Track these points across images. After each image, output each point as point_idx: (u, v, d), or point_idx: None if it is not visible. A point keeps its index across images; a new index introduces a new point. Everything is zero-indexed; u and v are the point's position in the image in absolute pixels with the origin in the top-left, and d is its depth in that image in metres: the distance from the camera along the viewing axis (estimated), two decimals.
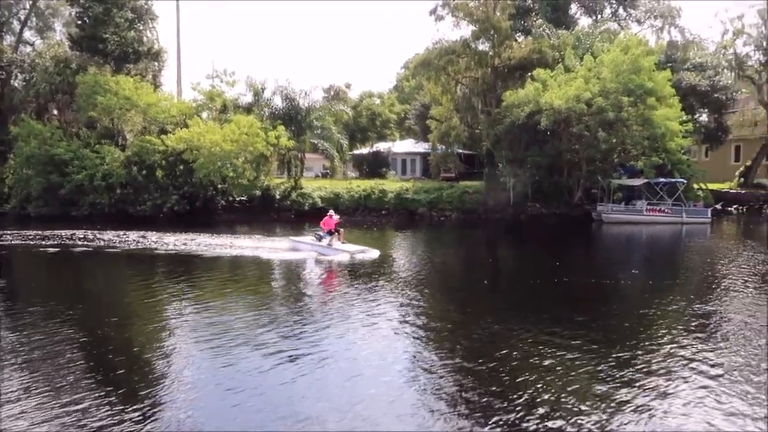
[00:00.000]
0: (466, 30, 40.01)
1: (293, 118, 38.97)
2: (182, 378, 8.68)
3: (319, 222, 21.84)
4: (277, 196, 36.28)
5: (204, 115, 39.63)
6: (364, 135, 64.77)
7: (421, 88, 52.15)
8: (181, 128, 35.07)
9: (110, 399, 7.83)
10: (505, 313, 13.38)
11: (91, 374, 8.86)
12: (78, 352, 9.88)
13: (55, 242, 23.21)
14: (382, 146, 57.20)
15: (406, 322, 11.90)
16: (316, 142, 40.59)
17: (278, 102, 40.02)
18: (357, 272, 17.64)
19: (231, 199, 35.39)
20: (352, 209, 36.80)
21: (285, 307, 13.27)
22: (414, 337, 10.84)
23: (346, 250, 20.11)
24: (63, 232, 25.62)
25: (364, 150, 58.32)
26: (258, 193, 35.76)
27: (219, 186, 34.53)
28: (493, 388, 8.32)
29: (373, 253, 20.31)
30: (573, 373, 8.83)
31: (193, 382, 8.52)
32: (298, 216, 35.02)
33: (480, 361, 9.48)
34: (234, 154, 33.41)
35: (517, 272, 20.04)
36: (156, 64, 42.50)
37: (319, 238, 20.85)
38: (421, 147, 54.19)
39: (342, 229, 21.29)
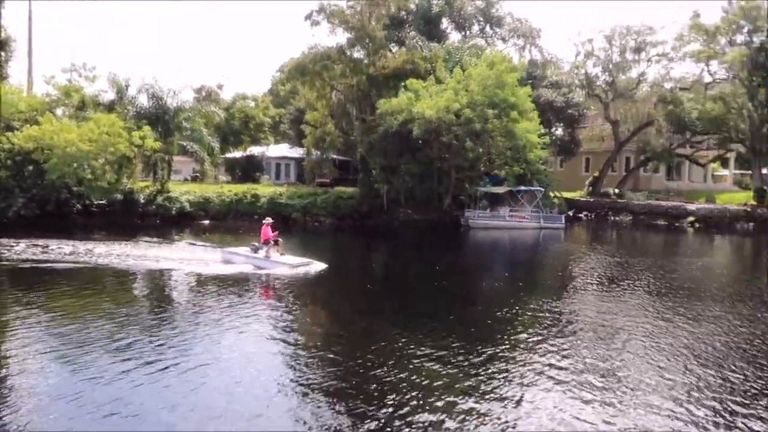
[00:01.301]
0: (342, 37, 40.43)
1: (160, 118, 36.98)
2: (42, 392, 7.87)
3: (187, 228, 20.81)
4: (142, 200, 34.19)
5: (59, 111, 36.42)
6: (237, 138, 63.00)
7: (296, 93, 51.75)
8: (30, 125, 31.95)
9: None
10: (387, 316, 13.61)
11: None
12: None
13: None
14: (256, 150, 55.91)
15: (291, 331, 11.71)
16: (185, 144, 38.82)
17: (144, 101, 37.76)
18: (285, 285, 16.89)
19: (88, 202, 32.78)
20: (223, 214, 35.70)
21: (186, 322, 12.49)
22: (293, 345, 10.68)
23: (285, 263, 18.41)
24: None
25: (237, 153, 56.71)
26: (119, 196, 33.42)
27: (74, 189, 31.85)
28: (361, 389, 8.37)
29: (318, 266, 18.66)
30: (443, 373, 9.11)
31: (56, 395, 7.83)
32: (164, 221, 33.27)
33: (351, 362, 9.55)
34: (92, 155, 30.97)
35: (398, 277, 20.43)
36: (2, 54, 38.46)
37: (255, 249, 19.13)
38: (296, 152, 53.72)
39: (280, 239, 19.44)
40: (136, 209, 33.76)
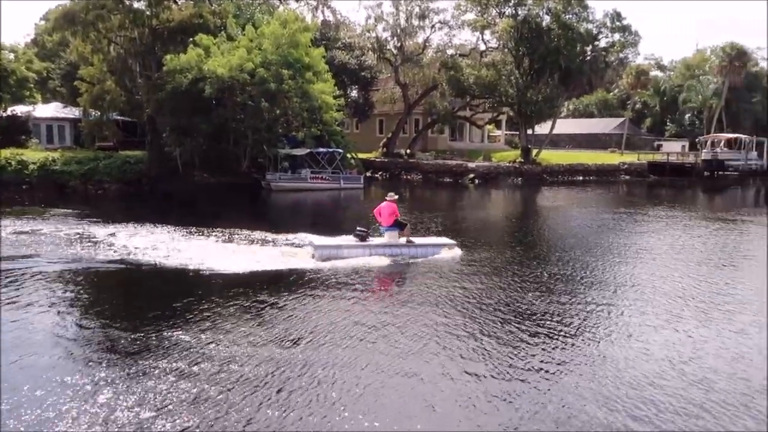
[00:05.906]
0: None
1: None
2: None
3: None
4: None
5: None
6: None
7: (67, 44, 45.73)
8: None
9: None
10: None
11: None
12: None
13: None
14: (19, 110, 48.61)
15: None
16: None
17: None
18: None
19: None
20: None
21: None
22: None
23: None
24: None
25: None
26: None
27: None
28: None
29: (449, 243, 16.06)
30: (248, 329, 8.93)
31: None
32: None
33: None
34: None
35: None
36: None
37: (364, 237, 15.39)
38: (72, 112, 47.87)
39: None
40: None
